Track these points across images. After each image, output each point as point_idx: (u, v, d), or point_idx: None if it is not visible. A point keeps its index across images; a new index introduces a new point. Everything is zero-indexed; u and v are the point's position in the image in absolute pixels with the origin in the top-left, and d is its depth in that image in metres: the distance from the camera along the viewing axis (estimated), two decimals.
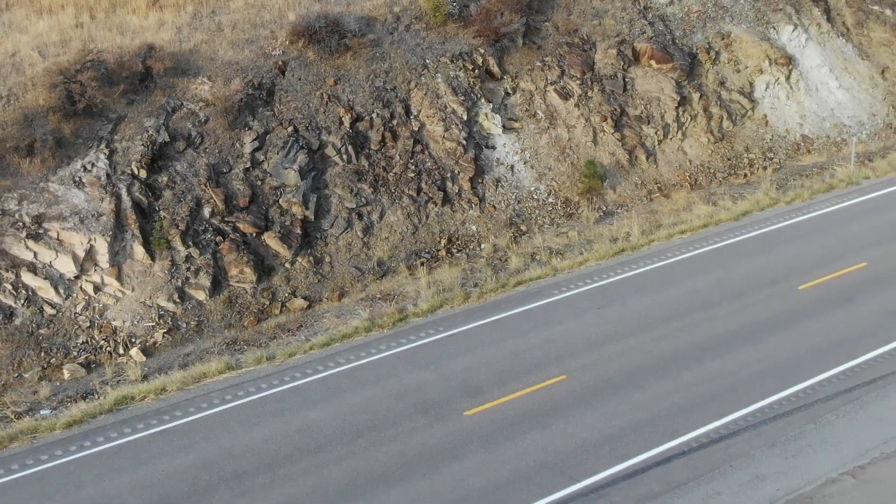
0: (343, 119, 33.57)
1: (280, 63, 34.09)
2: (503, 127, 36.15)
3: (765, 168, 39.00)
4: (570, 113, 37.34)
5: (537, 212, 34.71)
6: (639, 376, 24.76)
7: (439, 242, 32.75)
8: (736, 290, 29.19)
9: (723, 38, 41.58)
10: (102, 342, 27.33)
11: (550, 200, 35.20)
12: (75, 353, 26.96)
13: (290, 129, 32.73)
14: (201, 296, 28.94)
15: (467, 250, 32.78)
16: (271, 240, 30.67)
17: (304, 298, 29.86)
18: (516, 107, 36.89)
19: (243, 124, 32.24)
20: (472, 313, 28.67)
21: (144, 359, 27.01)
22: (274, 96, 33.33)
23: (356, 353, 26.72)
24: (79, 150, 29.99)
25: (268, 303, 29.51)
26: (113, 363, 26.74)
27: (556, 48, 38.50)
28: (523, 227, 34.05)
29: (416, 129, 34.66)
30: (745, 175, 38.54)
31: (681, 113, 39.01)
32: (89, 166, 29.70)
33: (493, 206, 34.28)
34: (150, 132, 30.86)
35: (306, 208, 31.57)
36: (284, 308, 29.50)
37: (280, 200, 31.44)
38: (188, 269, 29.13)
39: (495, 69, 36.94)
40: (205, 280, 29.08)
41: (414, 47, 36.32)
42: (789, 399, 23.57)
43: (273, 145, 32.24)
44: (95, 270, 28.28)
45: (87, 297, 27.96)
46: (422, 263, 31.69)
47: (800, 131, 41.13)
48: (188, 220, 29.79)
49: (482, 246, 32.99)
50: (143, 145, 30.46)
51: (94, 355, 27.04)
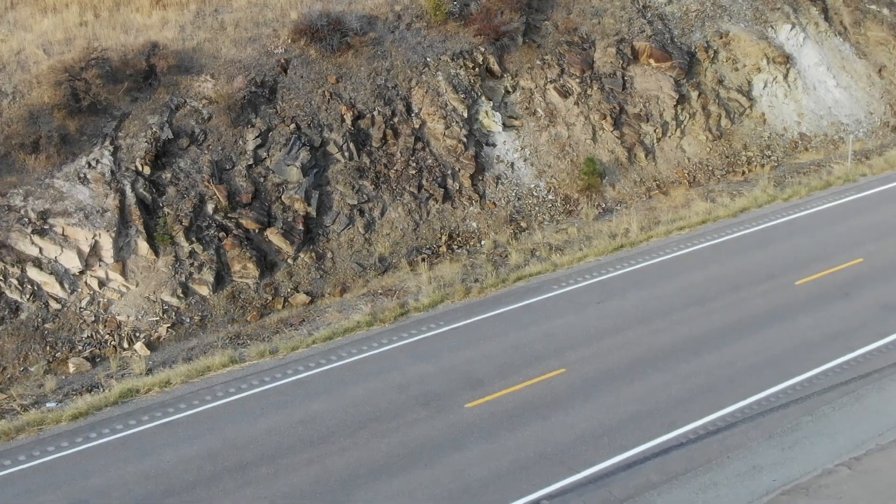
0: (345, 116, 33.85)
1: (282, 61, 34.36)
2: (503, 125, 36.41)
3: (762, 165, 39.25)
4: (569, 111, 37.60)
5: (537, 208, 34.98)
6: (637, 369, 25.05)
7: (440, 238, 33.02)
8: (733, 285, 29.47)
9: (721, 37, 41.83)
10: (107, 336, 27.61)
11: (550, 197, 35.47)
12: (80, 347, 27.25)
13: (293, 126, 33.00)
14: (205, 291, 29.20)
15: (468, 246, 33.05)
16: (274, 236, 30.96)
17: (307, 293, 30.15)
18: (516, 105, 37.15)
19: (246, 122, 32.52)
20: (473, 308, 28.95)
21: (149, 353, 27.29)
22: (276, 94, 33.60)
23: (358, 346, 27.00)
24: (83, 147, 30.28)
25: (270, 298, 29.79)
26: (118, 357, 27.01)
27: (555, 47, 38.77)
28: (523, 224, 34.32)
29: (417, 126, 34.93)
30: (743, 172, 38.79)
31: (679, 111, 39.28)
32: (94, 163, 29.98)
33: (494, 203, 34.55)
34: (154, 129, 31.14)
35: (308, 205, 31.84)
36: (287, 303, 29.79)
37: (282, 197, 31.73)
38: (192, 265, 29.40)
39: (495, 67, 37.21)
40: (208, 275, 29.37)
41: (415, 45, 36.59)
42: (786, 391, 23.88)
43: (275, 142, 32.51)
44: (100, 266, 28.55)
45: (91, 292, 28.24)
46: (423, 259, 31.97)
47: (797, 129, 41.38)
48: (192, 217, 30.07)
49: (482, 242, 33.25)
50: (146, 142, 30.73)
51: (99, 349, 27.32)
